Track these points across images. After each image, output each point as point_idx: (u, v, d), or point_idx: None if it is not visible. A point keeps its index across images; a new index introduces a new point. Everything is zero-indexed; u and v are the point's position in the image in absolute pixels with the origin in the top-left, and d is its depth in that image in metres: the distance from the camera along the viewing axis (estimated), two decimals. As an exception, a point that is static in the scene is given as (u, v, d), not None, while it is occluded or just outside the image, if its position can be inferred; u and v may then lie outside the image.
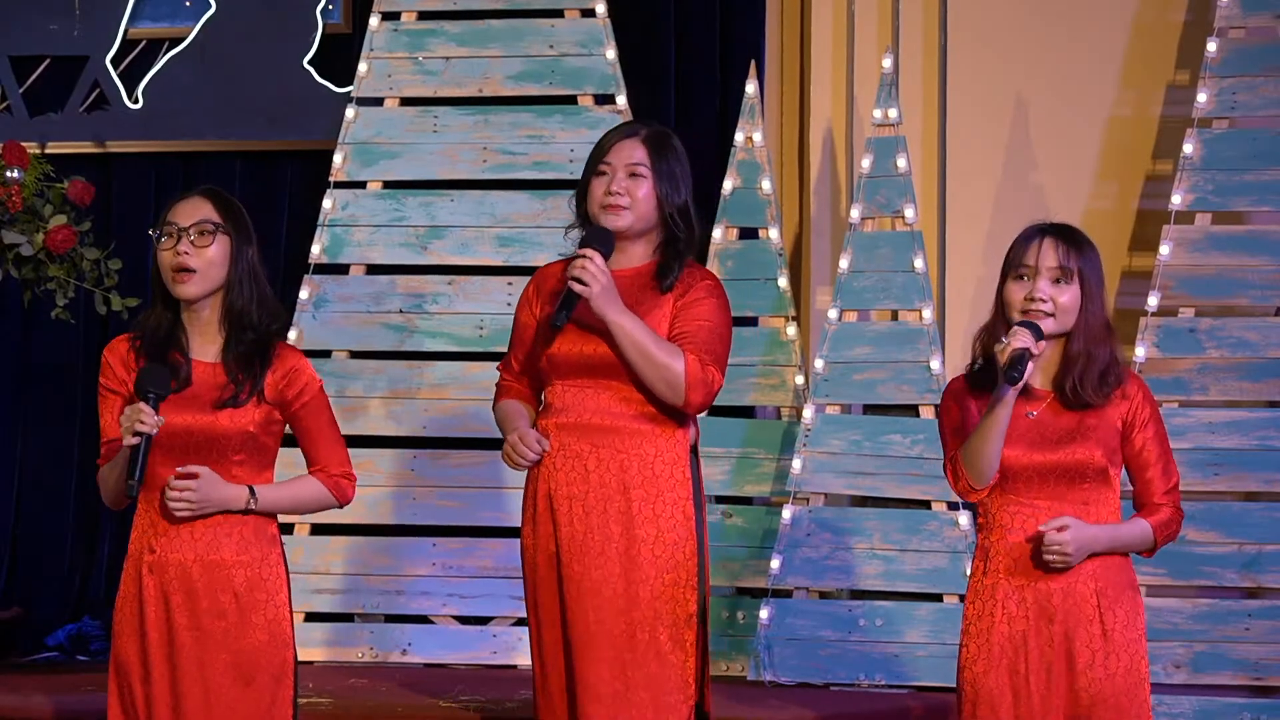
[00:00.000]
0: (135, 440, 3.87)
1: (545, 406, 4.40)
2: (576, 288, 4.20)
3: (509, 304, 6.55)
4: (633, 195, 4.32)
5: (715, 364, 4.29)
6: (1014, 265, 4.01)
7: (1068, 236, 4.01)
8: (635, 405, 4.29)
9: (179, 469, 3.98)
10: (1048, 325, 3.97)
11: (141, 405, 3.88)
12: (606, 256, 4.26)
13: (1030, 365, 3.90)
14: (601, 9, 6.70)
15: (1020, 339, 3.91)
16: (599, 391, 4.30)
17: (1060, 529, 3.92)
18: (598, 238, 4.28)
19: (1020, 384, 3.89)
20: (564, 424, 4.32)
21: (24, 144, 6.36)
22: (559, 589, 4.29)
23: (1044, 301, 3.96)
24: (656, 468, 4.30)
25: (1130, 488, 4.11)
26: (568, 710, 4.29)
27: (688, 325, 4.30)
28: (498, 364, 4.57)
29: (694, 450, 4.39)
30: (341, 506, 4.24)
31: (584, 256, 4.23)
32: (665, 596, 4.27)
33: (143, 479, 3.88)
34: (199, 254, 4.05)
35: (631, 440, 4.29)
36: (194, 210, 4.08)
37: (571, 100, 6.71)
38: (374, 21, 6.80)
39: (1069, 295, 3.98)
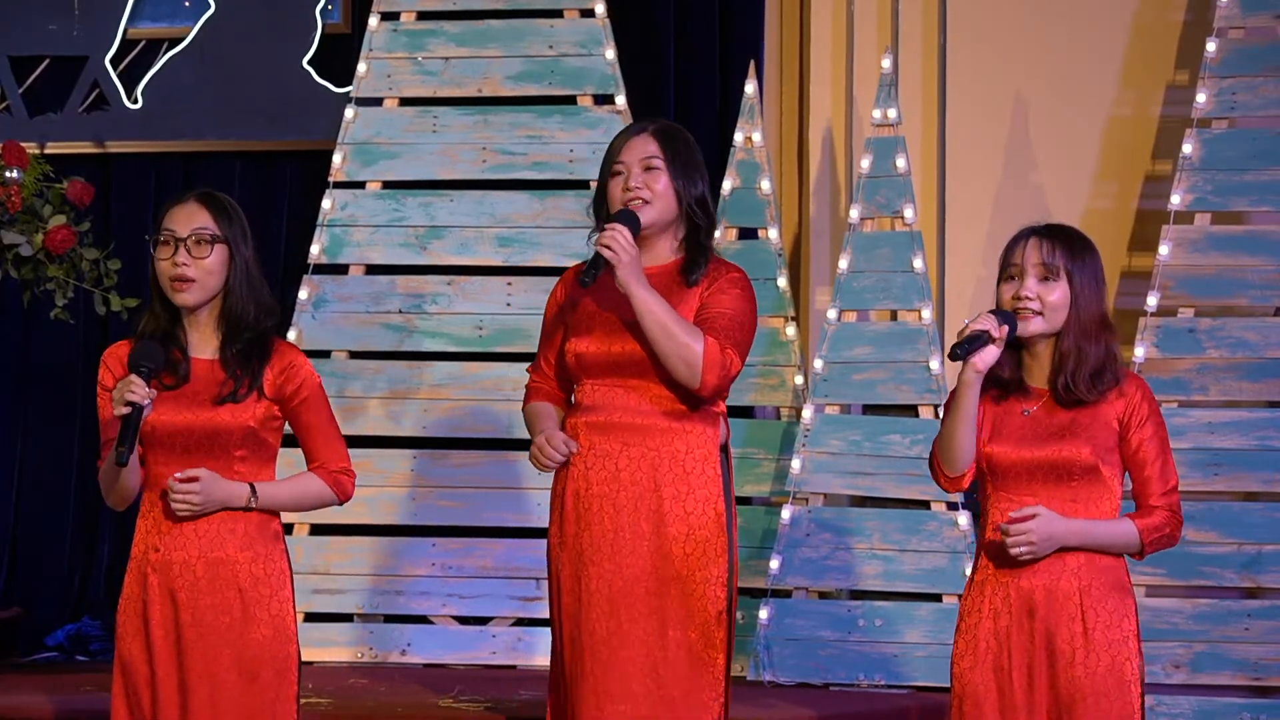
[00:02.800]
0: (126, 410, 3.89)
1: (575, 405, 4.37)
2: (606, 254, 4.16)
3: (508, 304, 6.56)
4: (651, 189, 4.28)
5: (735, 349, 4.25)
6: (1004, 266, 4.03)
7: (1056, 235, 4.01)
8: (665, 403, 4.27)
9: (178, 474, 4.00)
10: (1037, 323, 3.97)
11: (133, 376, 3.92)
12: (634, 236, 4.22)
13: (990, 350, 3.90)
14: (601, 9, 6.70)
15: (982, 321, 3.92)
16: (628, 391, 4.28)
17: (1027, 518, 3.91)
18: (624, 218, 4.24)
19: (962, 360, 3.89)
20: (593, 423, 4.30)
21: (23, 144, 6.36)
22: (581, 589, 4.26)
23: (1030, 299, 3.96)
24: (687, 465, 4.28)
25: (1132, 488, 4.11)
26: (585, 711, 4.22)
27: (711, 312, 4.27)
28: (527, 365, 4.54)
29: (724, 449, 4.38)
30: (341, 503, 4.24)
31: (613, 229, 4.19)
32: (696, 594, 4.26)
33: (132, 448, 3.89)
34: (197, 264, 4.07)
35: (662, 438, 4.27)
36: (190, 218, 4.09)
37: (571, 100, 6.71)
38: (373, 21, 6.80)
39: (1057, 293, 3.98)
